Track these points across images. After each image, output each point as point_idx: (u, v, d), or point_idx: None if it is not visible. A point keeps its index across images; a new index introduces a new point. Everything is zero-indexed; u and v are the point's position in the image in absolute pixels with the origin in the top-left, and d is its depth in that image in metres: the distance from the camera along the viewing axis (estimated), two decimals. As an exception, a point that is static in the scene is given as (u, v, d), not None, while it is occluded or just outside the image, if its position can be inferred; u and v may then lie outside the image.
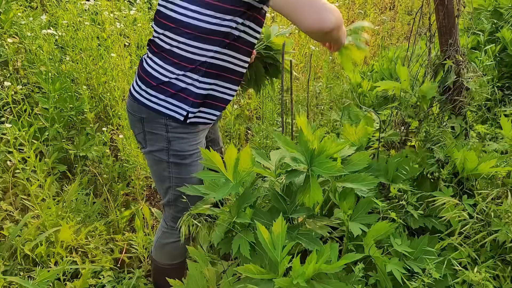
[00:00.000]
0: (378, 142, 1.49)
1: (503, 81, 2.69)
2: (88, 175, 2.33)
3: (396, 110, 1.54)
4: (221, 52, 1.26)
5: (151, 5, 3.83)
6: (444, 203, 1.19)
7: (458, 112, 1.45)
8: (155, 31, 1.32)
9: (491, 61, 2.58)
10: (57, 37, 2.24)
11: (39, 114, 2.18)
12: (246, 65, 1.37)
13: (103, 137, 2.19)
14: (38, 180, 1.88)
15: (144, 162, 2.36)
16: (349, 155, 1.32)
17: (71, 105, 2.34)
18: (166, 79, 1.29)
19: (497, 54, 2.70)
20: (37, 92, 2.52)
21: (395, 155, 1.43)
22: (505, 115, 1.71)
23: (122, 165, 2.34)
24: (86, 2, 2.38)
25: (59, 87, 2.20)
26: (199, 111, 1.33)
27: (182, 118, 1.30)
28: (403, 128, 1.53)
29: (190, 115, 1.30)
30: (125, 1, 3.50)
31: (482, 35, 2.86)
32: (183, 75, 1.28)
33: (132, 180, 2.33)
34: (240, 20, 1.22)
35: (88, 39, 2.44)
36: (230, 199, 1.51)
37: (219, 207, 1.27)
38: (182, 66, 1.27)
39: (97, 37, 2.70)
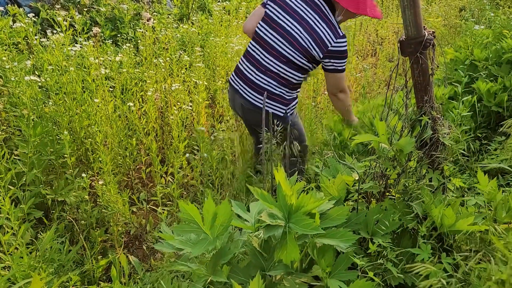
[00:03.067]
0: (358, 195, 1.50)
1: (480, 130, 2.76)
2: (65, 221, 2.26)
3: (375, 162, 1.55)
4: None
5: (137, 49, 3.90)
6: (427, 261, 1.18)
7: (436, 166, 1.47)
8: None
9: (468, 112, 2.66)
10: (40, 83, 2.24)
11: (18, 158, 2.14)
12: None
13: (82, 183, 2.16)
14: (12, 228, 1.81)
15: (124, 208, 2.31)
16: (328, 209, 1.32)
17: (51, 149, 2.31)
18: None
19: (475, 104, 2.78)
20: (18, 135, 2.49)
21: (374, 208, 1.43)
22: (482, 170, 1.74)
23: (101, 211, 2.29)
24: (73, 48, 2.40)
25: (40, 131, 2.18)
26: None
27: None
28: (382, 180, 1.53)
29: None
30: (111, 47, 3.55)
31: (459, 85, 2.97)
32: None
33: (111, 226, 2.27)
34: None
35: (72, 83, 2.44)
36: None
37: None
38: None
39: (82, 80, 2.71)
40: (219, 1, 6.68)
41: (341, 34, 2.14)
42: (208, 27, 4.96)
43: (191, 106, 2.91)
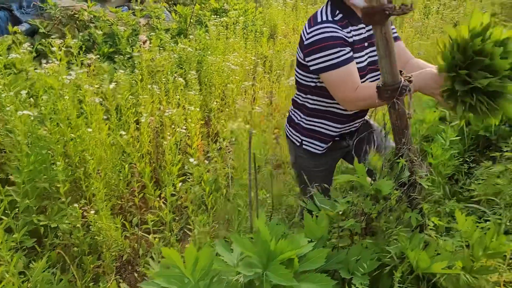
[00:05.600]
0: (338, 233, 1.53)
1: (469, 153, 2.80)
2: (58, 248, 2.31)
3: (357, 200, 1.59)
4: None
5: (134, 67, 3.96)
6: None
7: (414, 206, 1.50)
8: None
9: (456, 136, 2.69)
10: (33, 117, 2.30)
11: (11, 189, 2.19)
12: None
13: (74, 212, 2.20)
14: (4, 258, 1.85)
15: (116, 234, 2.35)
16: (308, 251, 1.35)
17: (45, 176, 2.36)
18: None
19: (463, 127, 2.82)
20: (13, 160, 2.54)
21: (355, 247, 1.47)
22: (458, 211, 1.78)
23: (94, 237, 2.33)
24: (67, 76, 2.46)
25: (34, 159, 2.22)
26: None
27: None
28: (363, 218, 1.57)
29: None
30: (109, 66, 3.61)
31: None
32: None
33: (103, 252, 2.31)
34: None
35: (67, 109, 2.50)
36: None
37: None
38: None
39: (78, 102, 2.76)
40: (217, 15, 6.76)
41: (319, 20, 1.64)
42: (205, 42, 5.02)
43: (185, 128, 2.96)
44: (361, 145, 1.87)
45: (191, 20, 6.19)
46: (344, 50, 1.63)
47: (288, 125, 2.00)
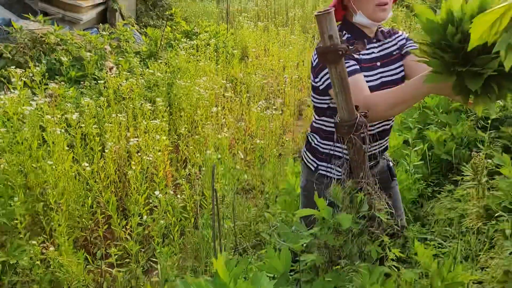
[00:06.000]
0: (301, 267, 1.53)
1: (433, 177, 2.87)
2: (17, 285, 2.21)
3: (319, 233, 1.60)
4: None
5: (101, 93, 3.90)
6: None
7: (375, 238, 1.52)
8: None
9: (420, 160, 2.77)
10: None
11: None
12: None
13: (33, 250, 2.12)
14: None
15: (78, 269, 2.28)
16: (269, 289, 1.34)
17: (3, 211, 2.27)
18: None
19: (426, 151, 2.90)
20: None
21: (317, 282, 1.47)
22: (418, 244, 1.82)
23: (54, 273, 2.25)
24: (28, 107, 2.40)
25: (-9, 194, 2.14)
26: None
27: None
28: (326, 251, 1.58)
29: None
30: (74, 92, 3.55)
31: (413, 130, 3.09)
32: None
33: (65, 289, 2.23)
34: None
35: (27, 140, 2.43)
36: None
37: None
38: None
39: (41, 130, 2.69)
40: (188, 38, 6.78)
41: None
42: (176, 65, 5.01)
43: (151, 157, 2.92)
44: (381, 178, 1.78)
45: (162, 43, 6.18)
46: (348, 62, 1.61)
47: (305, 149, 1.95)
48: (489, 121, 2.56)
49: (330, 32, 1.31)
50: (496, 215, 1.93)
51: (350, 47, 1.40)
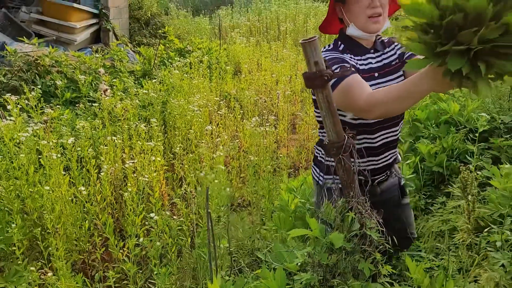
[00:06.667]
0: (295, 285, 1.56)
1: (425, 189, 2.91)
2: (15, 311, 2.22)
3: (313, 252, 1.63)
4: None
5: (96, 115, 3.94)
6: None
7: (367, 255, 1.55)
8: None
9: (412, 173, 2.81)
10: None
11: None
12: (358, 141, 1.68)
13: (31, 276, 2.13)
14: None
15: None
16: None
17: (1, 237, 2.29)
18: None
19: (418, 164, 2.94)
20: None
21: (312, 301, 1.50)
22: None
23: (54, 298, 2.25)
24: (24, 133, 2.43)
25: (-12, 221, 2.16)
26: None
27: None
28: (319, 269, 1.61)
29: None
30: (70, 114, 3.59)
31: (405, 143, 3.14)
32: None
33: (64, 313, 2.24)
34: None
35: (24, 166, 2.45)
36: None
37: None
38: None
39: (38, 154, 2.72)
40: (181, 56, 6.86)
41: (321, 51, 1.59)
42: (170, 83, 5.07)
43: (147, 177, 2.95)
44: (390, 197, 1.83)
45: (155, 61, 6.25)
46: (346, 65, 1.57)
47: (313, 164, 1.92)
48: (477, 134, 2.61)
49: (316, 59, 1.36)
50: (486, 229, 1.97)
51: (335, 71, 1.45)
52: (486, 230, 1.94)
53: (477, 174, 2.43)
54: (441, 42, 1.03)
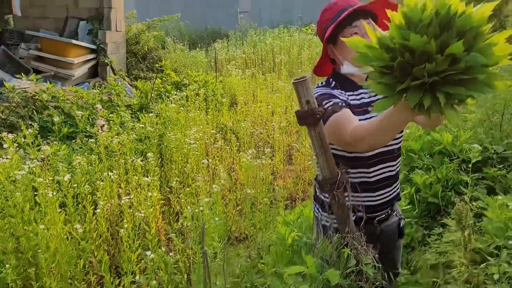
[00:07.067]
0: (294, 326, 1.54)
1: (422, 219, 2.91)
2: None
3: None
4: None
5: (93, 150, 3.96)
6: None
7: (364, 292, 1.54)
8: None
9: (408, 204, 2.81)
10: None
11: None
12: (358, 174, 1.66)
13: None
14: None
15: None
16: None
17: (-6, 277, 2.26)
18: None
19: (414, 195, 2.95)
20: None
21: None
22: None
23: None
24: (19, 171, 2.44)
25: (-18, 262, 2.14)
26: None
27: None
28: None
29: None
30: (66, 150, 3.61)
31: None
32: None
33: None
34: None
35: (19, 204, 2.45)
36: None
37: None
38: None
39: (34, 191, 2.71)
40: (178, 89, 6.95)
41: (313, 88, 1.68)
42: (166, 116, 5.12)
43: (143, 212, 2.94)
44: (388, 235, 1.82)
45: (152, 95, 6.34)
46: (336, 99, 1.59)
47: (313, 198, 1.87)
48: (470, 165, 2.64)
49: (307, 98, 1.40)
50: (483, 264, 1.96)
51: (328, 109, 1.49)
52: (483, 264, 1.94)
53: (472, 205, 2.44)
54: (399, 81, 1.09)
